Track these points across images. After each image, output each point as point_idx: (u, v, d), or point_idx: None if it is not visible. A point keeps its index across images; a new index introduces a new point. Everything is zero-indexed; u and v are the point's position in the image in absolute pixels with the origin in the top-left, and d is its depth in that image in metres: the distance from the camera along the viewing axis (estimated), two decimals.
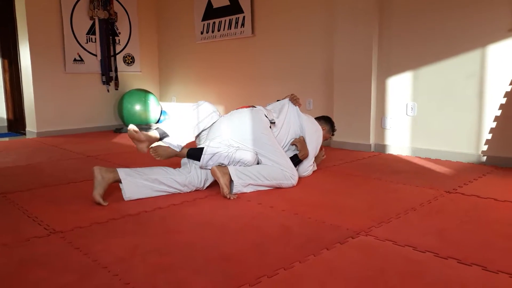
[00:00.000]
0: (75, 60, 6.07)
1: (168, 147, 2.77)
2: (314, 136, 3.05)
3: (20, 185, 3.01)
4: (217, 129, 2.84)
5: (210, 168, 2.71)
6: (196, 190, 2.76)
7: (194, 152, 2.76)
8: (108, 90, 6.43)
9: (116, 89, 6.51)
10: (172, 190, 2.68)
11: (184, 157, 2.82)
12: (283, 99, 3.23)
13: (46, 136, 5.76)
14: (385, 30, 4.10)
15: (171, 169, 2.74)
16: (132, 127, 2.62)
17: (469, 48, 3.57)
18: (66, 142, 5.16)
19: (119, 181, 2.54)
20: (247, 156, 2.75)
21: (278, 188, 2.80)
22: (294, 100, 3.12)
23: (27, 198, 2.70)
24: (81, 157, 4.14)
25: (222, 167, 2.66)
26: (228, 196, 2.58)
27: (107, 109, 6.47)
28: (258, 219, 2.23)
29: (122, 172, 2.55)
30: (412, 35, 3.92)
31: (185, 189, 2.72)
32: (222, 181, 2.59)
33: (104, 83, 6.38)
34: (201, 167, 2.75)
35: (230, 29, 5.70)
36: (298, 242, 1.90)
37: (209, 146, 2.71)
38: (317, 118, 3.31)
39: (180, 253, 1.79)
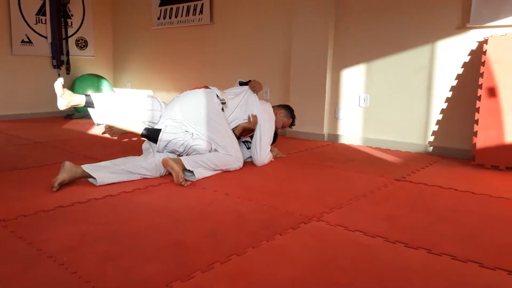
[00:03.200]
0: (23, 41, 5.75)
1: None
2: (267, 124, 3.08)
3: None
4: (171, 110, 2.86)
5: (166, 152, 2.79)
6: (151, 178, 2.72)
7: (150, 134, 2.77)
8: (59, 74, 6.13)
9: (68, 74, 6.24)
10: (140, 177, 2.69)
11: (139, 135, 2.80)
12: (244, 81, 3.25)
13: None
14: (341, 24, 4.16)
15: (136, 157, 2.76)
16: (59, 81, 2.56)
17: (419, 43, 3.70)
18: (12, 128, 4.90)
19: (87, 176, 2.52)
20: (203, 145, 2.80)
21: (234, 176, 2.81)
22: (253, 88, 3.14)
23: None
24: (28, 143, 3.94)
25: (175, 158, 2.68)
26: (183, 183, 2.55)
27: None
28: (213, 206, 2.21)
29: (87, 168, 2.51)
30: (367, 30, 4.01)
31: (153, 174, 2.72)
32: (176, 168, 2.57)
33: (55, 67, 6.09)
34: (157, 151, 2.78)
35: (188, 15, 5.59)
36: (252, 228, 1.90)
37: (165, 132, 2.72)
38: (278, 105, 3.38)
39: (131, 241, 1.75)
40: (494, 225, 2.01)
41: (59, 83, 2.55)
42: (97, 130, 4.79)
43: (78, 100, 2.65)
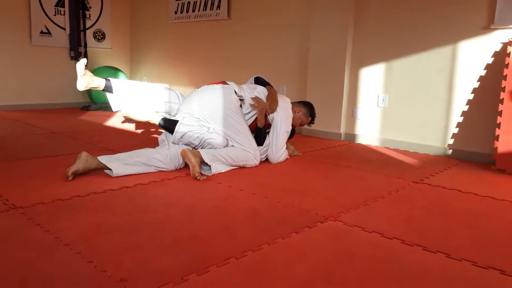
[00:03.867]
0: (42, 32, 5.81)
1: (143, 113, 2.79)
2: (284, 122, 3.04)
3: None
4: (188, 105, 2.85)
5: (181, 144, 2.78)
6: (167, 171, 2.71)
7: (167, 125, 2.78)
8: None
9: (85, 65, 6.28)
10: (155, 169, 2.69)
11: (156, 124, 2.81)
12: (261, 78, 3.23)
13: (7, 110, 5.50)
14: (361, 23, 4.11)
15: (150, 149, 2.76)
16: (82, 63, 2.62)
17: (441, 44, 3.63)
18: (29, 117, 4.95)
19: (103, 168, 2.53)
20: (218, 139, 2.79)
21: (249, 172, 2.79)
22: (271, 109, 3.01)
23: None
24: (45, 132, 3.98)
25: (194, 150, 2.66)
26: (198, 177, 2.54)
27: (75, 86, 6.20)
28: (228, 201, 2.20)
29: (103, 159, 2.52)
30: (387, 29, 3.94)
31: (168, 167, 2.72)
32: (194, 161, 2.56)
33: (72, 58, 6.14)
34: (173, 142, 2.78)
35: (206, 10, 5.58)
36: (267, 225, 1.89)
37: (182, 124, 2.74)
38: (299, 102, 3.33)
39: (147, 232, 1.75)
40: None
41: (82, 63, 2.58)
42: (114, 122, 4.81)
43: (98, 83, 2.68)
